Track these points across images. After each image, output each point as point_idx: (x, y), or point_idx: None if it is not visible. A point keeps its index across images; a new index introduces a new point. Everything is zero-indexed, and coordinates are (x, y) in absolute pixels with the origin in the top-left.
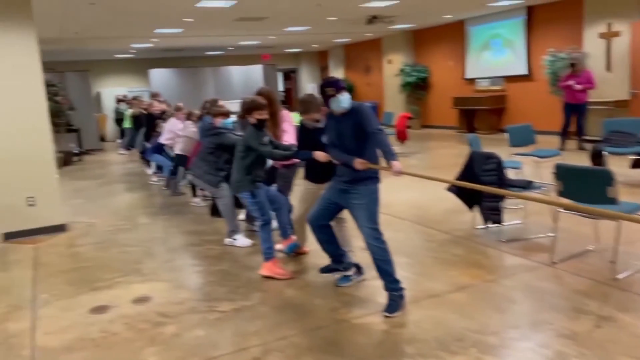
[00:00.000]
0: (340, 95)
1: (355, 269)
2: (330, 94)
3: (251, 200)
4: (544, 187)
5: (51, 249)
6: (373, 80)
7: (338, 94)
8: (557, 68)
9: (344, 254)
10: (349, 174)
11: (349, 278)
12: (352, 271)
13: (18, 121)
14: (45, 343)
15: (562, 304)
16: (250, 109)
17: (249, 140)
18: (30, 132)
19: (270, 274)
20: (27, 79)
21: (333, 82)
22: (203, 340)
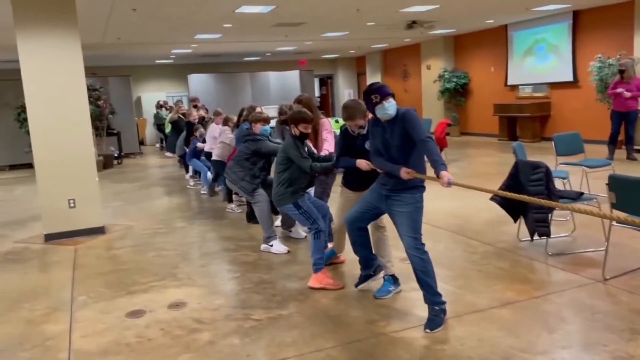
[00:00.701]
0: (386, 102)
1: (392, 279)
2: (375, 101)
3: (296, 212)
4: (595, 199)
5: (90, 251)
6: (411, 87)
7: (384, 100)
8: (605, 75)
9: (375, 258)
10: (393, 183)
11: (388, 290)
12: (382, 273)
13: (61, 125)
14: (81, 346)
15: (616, 324)
16: (297, 120)
17: (288, 151)
18: (73, 135)
19: (320, 286)
20: (71, 83)
21: (377, 89)
22: (238, 349)
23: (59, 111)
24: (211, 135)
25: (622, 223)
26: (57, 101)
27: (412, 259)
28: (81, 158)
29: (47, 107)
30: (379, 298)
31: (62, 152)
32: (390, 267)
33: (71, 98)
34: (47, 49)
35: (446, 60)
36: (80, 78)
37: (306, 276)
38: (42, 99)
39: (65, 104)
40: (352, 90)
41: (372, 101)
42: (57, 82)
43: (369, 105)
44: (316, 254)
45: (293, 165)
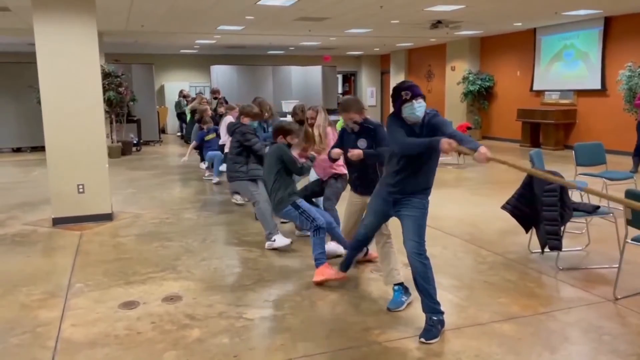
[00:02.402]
0: (416, 102)
1: (402, 288)
2: (404, 98)
3: (296, 213)
4: (611, 214)
5: (95, 238)
6: (435, 87)
7: (414, 99)
8: (634, 84)
9: (354, 258)
10: (404, 187)
11: (401, 301)
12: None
13: (74, 110)
14: (70, 335)
15: (624, 348)
16: (287, 131)
17: (283, 154)
18: (85, 121)
19: (323, 278)
20: (85, 69)
21: (410, 87)
22: (226, 349)
23: (72, 96)
24: (225, 128)
25: (635, 241)
26: (71, 86)
27: (413, 264)
28: (92, 144)
29: (61, 91)
30: (393, 310)
31: (73, 137)
32: (397, 276)
33: (85, 83)
34: (63, 33)
35: (471, 62)
36: (95, 64)
37: (306, 277)
38: (55, 83)
39: (79, 89)
40: (374, 88)
41: (402, 98)
42: (72, 67)
43: (396, 103)
44: (317, 250)
45: (282, 168)
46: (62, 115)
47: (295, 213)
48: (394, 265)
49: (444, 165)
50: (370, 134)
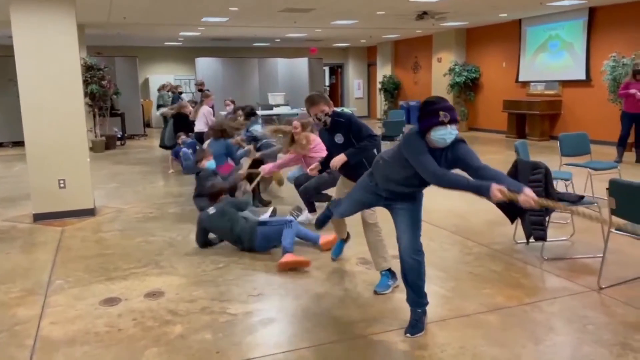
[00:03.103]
0: (451, 128)
1: (389, 273)
2: (441, 120)
3: (267, 228)
4: (595, 203)
5: (77, 233)
6: (421, 79)
7: (449, 125)
8: (619, 74)
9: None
10: (396, 195)
11: (387, 284)
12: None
13: (53, 103)
14: (49, 333)
15: (607, 338)
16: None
17: (236, 205)
18: (65, 115)
19: (286, 261)
20: (65, 62)
21: (449, 108)
22: (209, 345)
23: (51, 89)
24: (202, 115)
25: (619, 230)
26: (50, 79)
27: (407, 260)
28: (73, 138)
29: (40, 84)
30: (380, 293)
31: (53, 131)
32: (383, 263)
33: (65, 76)
34: (41, 25)
35: (457, 54)
36: (75, 56)
37: (292, 270)
38: (34, 76)
39: (58, 82)
40: (361, 80)
41: (438, 118)
42: (51, 60)
43: (426, 121)
44: (286, 240)
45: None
46: (42, 109)
47: (267, 229)
48: (382, 253)
49: None
50: (345, 128)
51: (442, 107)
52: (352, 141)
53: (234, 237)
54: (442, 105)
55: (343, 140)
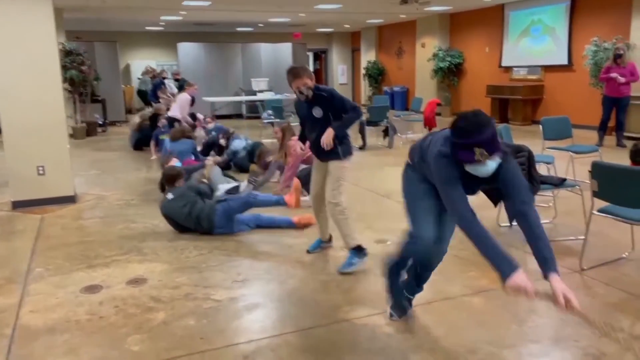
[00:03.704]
0: (491, 161)
1: (355, 251)
2: (477, 159)
3: (228, 204)
4: (577, 186)
5: (57, 220)
6: (405, 64)
7: (489, 159)
8: (600, 59)
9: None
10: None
11: (350, 262)
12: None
13: (30, 88)
14: (28, 322)
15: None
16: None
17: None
18: (43, 100)
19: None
20: (41, 46)
21: (488, 140)
22: (192, 331)
23: (28, 74)
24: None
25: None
26: (27, 64)
27: (441, 258)
28: (52, 124)
29: (15, 69)
30: (343, 272)
31: (31, 117)
32: (351, 242)
33: (42, 60)
34: (16, 8)
35: (441, 39)
36: (52, 40)
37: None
38: (9, 60)
39: (35, 67)
40: (345, 66)
41: (473, 156)
42: (26, 43)
43: (460, 152)
44: (270, 200)
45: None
46: (18, 95)
47: (225, 204)
48: (347, 231)
49: (414, 142)
50: (326, 102)
51: (479, 142)
52: (329, 116)
53: (194, 219)
54: (479, 139)
55: (322, 114)
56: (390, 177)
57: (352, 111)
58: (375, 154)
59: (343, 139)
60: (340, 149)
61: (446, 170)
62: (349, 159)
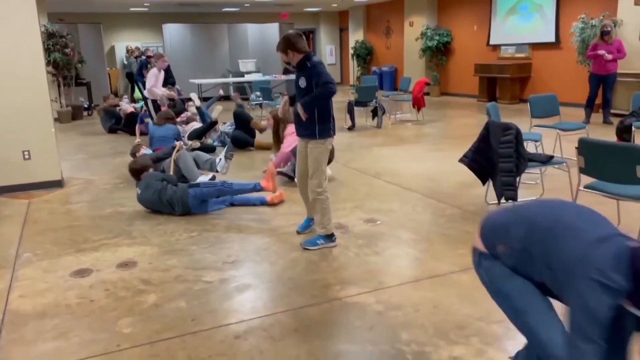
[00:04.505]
0: None
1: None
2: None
3: (202, 190)
4: (564, 163)
5: (44, 205)
6: (393, 44)
7: None
8: (587, 36)
9: None
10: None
11: (315, 242)
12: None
13: (12, 72)
14: (18, 307)
15: None
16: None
17: (161, 177)
18: (26, 83)
19: (271, 180)
20: (22, 28)
21: None
22: (184, 313)
23: (9, 57)
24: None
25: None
26: (7, 46)
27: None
28: (36, 107)
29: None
30: (306, 248)
31: (14, 100)
32: (322, 230)
33: (23, 44)
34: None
35: (429, 17)
36: (33, 22)
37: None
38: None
39: (16, 50)
40: (333, 46)
41: None
42: (8, 26)
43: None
44: (248, 187)
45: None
46: (0, 78)
47: (197, 190)
48: (324, 220)
49: (402, 122)
50: (308, 73)
51: None
52: (312, 88)
53: (166, 204)
54: None
55: (305, 85)
56: (379, 157)
57: (321, 87)
58: (364, 135)
59: (322, 119)
60: (317, 127)
61: (602, 309)
62: (325, 141)
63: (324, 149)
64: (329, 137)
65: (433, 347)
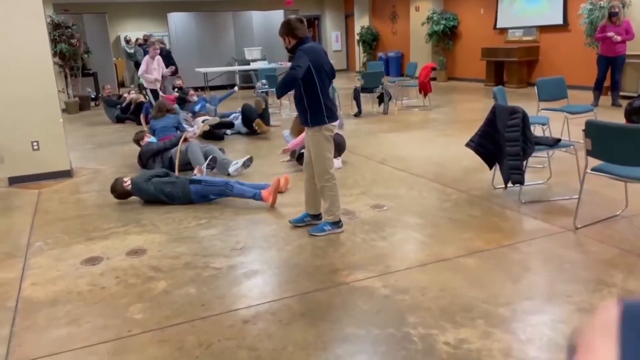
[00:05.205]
0: None
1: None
2: None
3: (202, 186)
4: (572, 146)
5: (54, 195)
6: (399, 29)
7: None
8: (595, 17)
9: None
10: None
11: (323, 229)
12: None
13: (19, 63)
14: (31, 294)
15: (583, 275)
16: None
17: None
18: (33, 75)
19: (273, 195)
20: (28, 19)
21: None
22: (193, 299)
23: (16, 48)
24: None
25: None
26: (14, 38)
27: None
28: (43, 97)
29: (3, 42)
30: (313, 234)
31: (22, 92)
32: (330, 217)
33: (30, 35)
34: None
35: (435, 2)
36: (39, 12)
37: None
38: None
39: (23, 41)
40: (339, 32)
41: None
42: (14, 17)
43: None
44: (248, 194)
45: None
46: (8, 70)
47: (199, 187)
48: (331, 207)
49: (409, 108)
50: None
51: None
52: None
53: (166, 196)
54: None
55: None
56: (386, 143)
57: (290, 69)
58: (371, 121)
59: (312, 106)
60: (309, 115)
61: None
62: (320, 128)
63: (321, 136)
64: (323, 124)
65: (439, 329)
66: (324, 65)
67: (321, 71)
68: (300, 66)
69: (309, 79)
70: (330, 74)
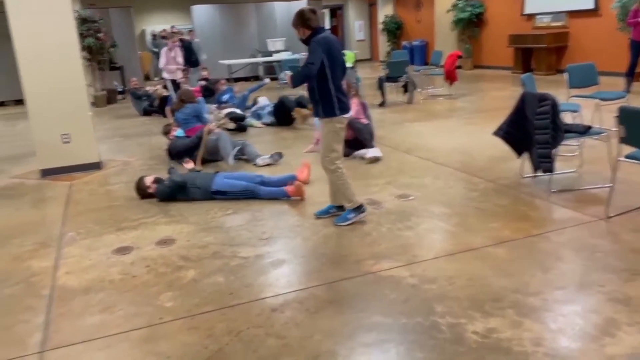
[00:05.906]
0: None
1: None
2: None
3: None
4: (603, 133)
5: (84, 187)
6: (424, 17)
7: None
8: (628, 1)
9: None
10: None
11: (346, 217)
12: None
13: (49, 57)
14: (65, 282)
15: (615, 264)
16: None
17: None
18: (62, 69)
19: (299, 190)
20: (57, 14)
21: None
22: (221, 287)
23: (46, 43)
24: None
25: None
26: (44, 33)
27: None
28: (72, 91)
29: (33, 39)
30: (338, 224)
31: (52, 86)
32: (348, 205)
33: (59, 29)
34: None
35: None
36: (67, 8)
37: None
38: (27, 31)
39: (52, 36)
40: (362, 21)
41: None
42: (43, 13)
43: None
44: (273, 194)
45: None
46: (38, 65)
47: (225, 194)
48: (348, 195)
49: (434, 97)
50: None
51: None
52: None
53: (191, 196)
54: None
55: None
56: (411, 133)
57: (303, 66)
58: (395, 111)
59: (323, 99)
60: (321, 107)
61: None
62: (331, 119)
63: (332, 127)
64: (334, 116)
65: (468, 319)
66: (337, 57)
67: (334, 63)
68: (314, 63)
69: (322, 72)
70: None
